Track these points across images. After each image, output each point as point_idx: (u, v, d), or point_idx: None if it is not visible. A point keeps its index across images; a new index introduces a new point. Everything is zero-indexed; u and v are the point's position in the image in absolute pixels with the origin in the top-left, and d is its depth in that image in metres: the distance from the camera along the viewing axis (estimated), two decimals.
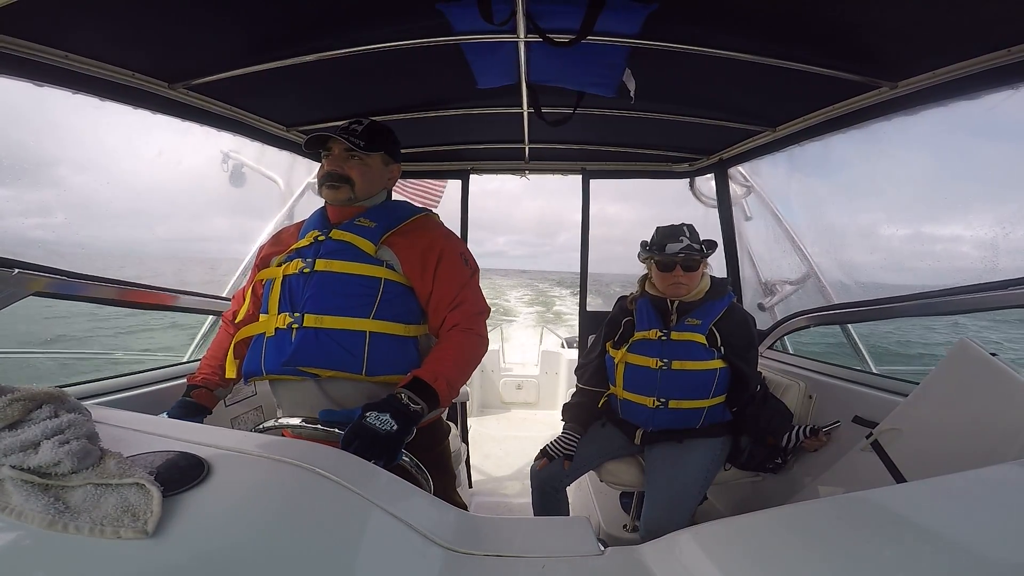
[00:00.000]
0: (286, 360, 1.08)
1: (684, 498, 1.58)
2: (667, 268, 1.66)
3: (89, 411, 0.67)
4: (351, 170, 1.19)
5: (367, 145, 1.18)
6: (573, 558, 0.58)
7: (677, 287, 1.67)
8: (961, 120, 1.42)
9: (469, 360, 1.16)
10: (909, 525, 0.61)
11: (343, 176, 1.19)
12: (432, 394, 1.05)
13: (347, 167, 1.19)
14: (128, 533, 0.47)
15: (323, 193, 1.21)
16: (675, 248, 1.64)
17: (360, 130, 1.20)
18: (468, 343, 1.16)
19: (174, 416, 1.17)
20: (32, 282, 1.28)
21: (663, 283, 1.69)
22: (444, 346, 1.15)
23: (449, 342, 1.15)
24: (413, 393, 1.02)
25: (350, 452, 0.88)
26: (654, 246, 1.69)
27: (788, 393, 1.89)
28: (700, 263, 1.67)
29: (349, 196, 1.20)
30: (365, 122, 1.23)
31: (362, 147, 1.18)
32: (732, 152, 2.32)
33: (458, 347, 1.14)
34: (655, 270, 1.71)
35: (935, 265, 2.40)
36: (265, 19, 1.21)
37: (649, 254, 1.71)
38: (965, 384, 1.24)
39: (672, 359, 1.63)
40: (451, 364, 1.11)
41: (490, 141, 2.38)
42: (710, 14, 1.17)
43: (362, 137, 1.19)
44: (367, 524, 0.58)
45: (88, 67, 1.24)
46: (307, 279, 1.13)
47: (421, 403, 1.02)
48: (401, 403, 0.99)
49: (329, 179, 1.19)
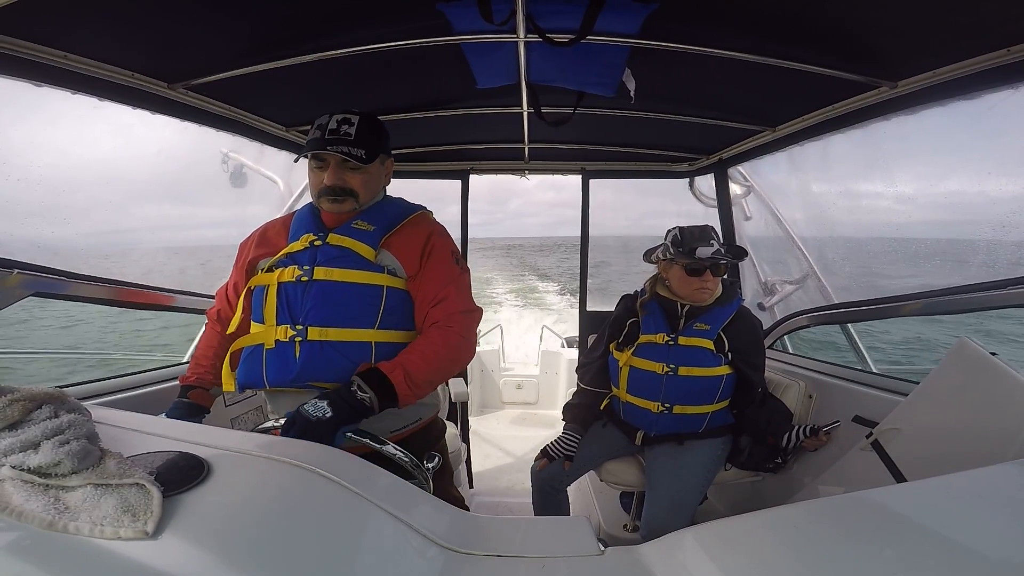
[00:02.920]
0: (294, 376, 1.05)
1: (684, 498, 1.58)
2: (696, 273, 1.58)
3: (89, 411, 0.67)
4: (352, 181, 1.13)
5: (368, 155, 1.12)
6: (573, 558, 0.58)
7: (703, 292, 1.60)
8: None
9: (442, 357, 1.07)
10: (909, 525, 0.61)
11: (346, 189, 1.12)
12: (387, 385, 0.99)
13: (348, 179, 1.13)
14: (128, 533, 0.47)
15: (323, 205, 1.15)
16: (707, 252, 1.55)
17: (354, 135, 1.12)
18: (444, 341, 1.08)
19: (173, 418, 1.15)
20: (32, 282, 1.28)
21: (687, 288, 1.61)
22: (417, 341, 1.09)
23: (424, 337, 1.09)
24: (363, 381, 0.98)
25: (290, 436, 0.89)
26: (683, 249, 1.59)
27: (788, 393, 1.89)
28: (727, 268, 1.61)
29: (354, 207, 1.14)
30: (355, 121, 1.13)
31: (363, 158, 1.11)
32: (732, 152, 2.32)
33: (430, 343, 1.07)
34: (679, 273, 1.61)
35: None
36: (265, 19, 1.21)
37: (676, 257, 1.60)
38: (965, 384, 1.24)
39: (679, 365, 1.59)
40: (417, 357, 1.04)
41: (490, 141, 2.38)
42: (710, 14, 1.17)
43: (361, 144, 1.11)
44: (367, 524, 0.58)
45: (87, 67, 1.24)
46: (306, 288, 1.08)
47: (369, 392, 0.97)
48: (348, 391, 0.96)
49: (331, 193, 1.12)
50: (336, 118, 1.13)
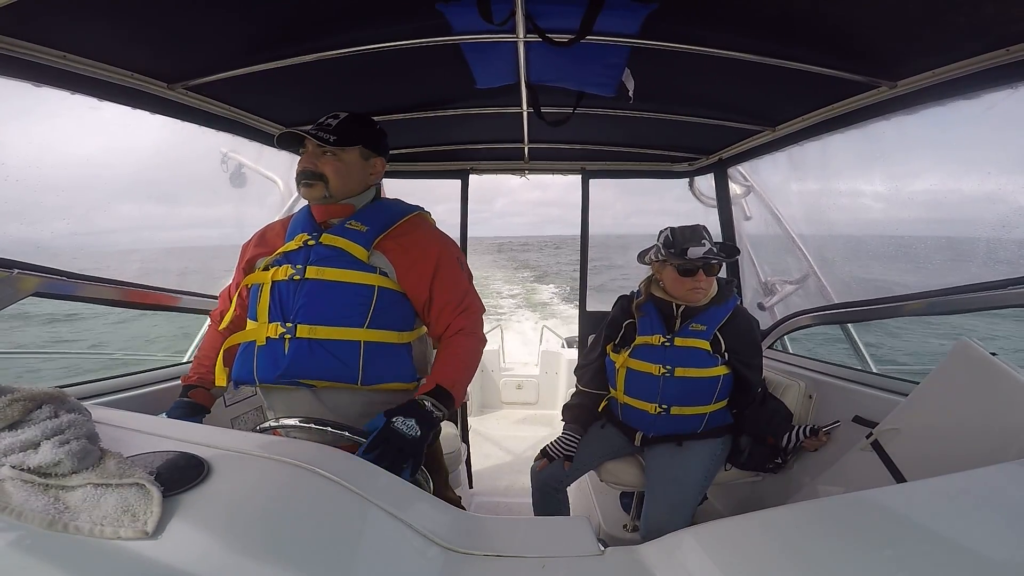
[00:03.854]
0: (281, 373, 1.08)
1: (684, 498, 1.58)
2: (689, 273, 1.57)
3: (89, 411, 0.67)
4: (324, 166, 1.16)
5: (339, 140, 1.15)
6: (573, 558, 0.58)
7: (696, 292, 1.59)
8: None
9: (475, 364, 1.21)
10: (909, 525, 0.61)
11: (316, 173, 1.16)
12: (450, 400, 1.09)
13: (320, 164, 1.16)
14: (128, 533, 0.48)
15: (300, 191, 1.20)
16: (699, 252, 1.54)
17: (334, 124, 1.17)
18: (473, 347, 1.20)
19: (173, 417, 1.16)
20: (32, 282, 1.28)
21: (681, 288, 1.61)
22: (454, 352, 1.17)
23: (459, 347, 1.17)
24: (436, 400, 1.05)
25: (371, 457, 0.89)
26: (674, 249, 1.58)
27: (788, 393, 1.89)
28: (720, 267, 1.61)
29: (324, 194, 1.17)
30: (341, 115, 1.19)
31: (332, 142, 1.14)
32: (731, 152, 2.32)
33: (468, 352, 1.18)
34: (672, 274, 1.60)
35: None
36: (264, 19, 1.21)
37: (668, 258, 1.59)
38: (965, 384, 1.24)
39: (675, 366, 1.59)
40: (463, 369, 1.16)
41: (489, 141, 2.38)
42: (710, 14, 1.17)
43: (335, 132, 1.16)
44: (367, 524, 0.58)
45: (86, 67, 1.24)
46: (298, 287, 1.11)
47: (444, 410, 1.06)
48: (425, 410, 1.02)
49: (303, 177, 1.17)
50: (328, 114, 1.21)
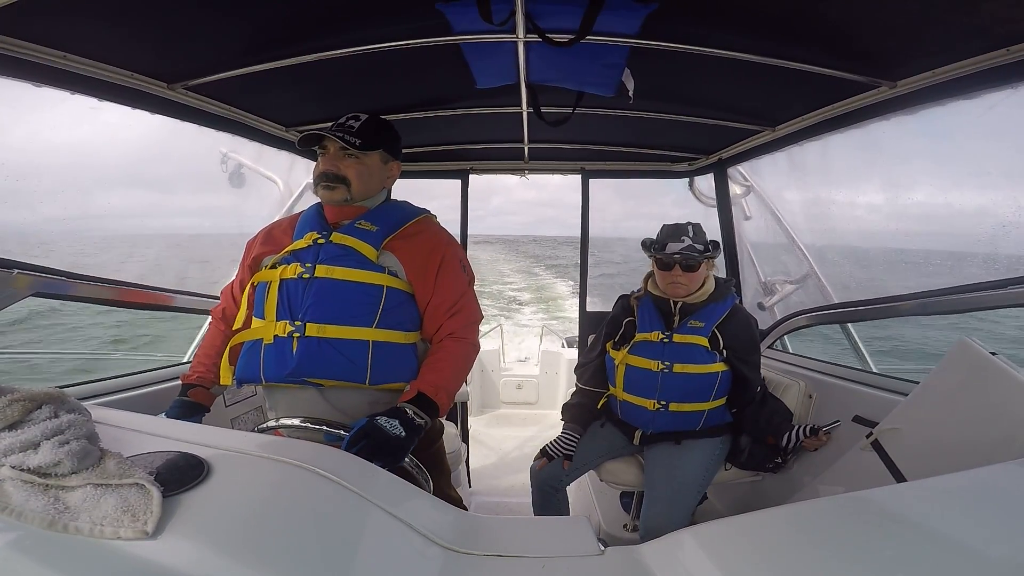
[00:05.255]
0: (290, 372, 1.07)
1: (684, 498, 1.58)
2: (666, 267, 1.64)
3: (89, 411, 0.67)
4: (347, 170, 1.16)
5: (364, 143, 1.15)
6: (573, 558, 0.58)
7: (675, 287, 1.65)
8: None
9: (464, 370, 1.18)
10: (909, 525, 0.61)
11: (339, 176, 1.15)
12: (434, 407, 1.07)
13: (343, 167, 1.16)
14: (128, 533, 0.48)
15: (319, 193, 1.18)
16: (675, 247, 1.62)
17: (357, 127, 1.16)
18: (463, 353, 1.17)
19: (173, 416, 1.15)
20: (32, 282, 1.28)
21: (663, 282, 1.68)
22: (441, 356, 1.15)
23: (446, 352, 1.15)
24: (418, 408, 1.04)
25: (354, 451, 0.89)
26: (656, 244, 1.67)
27: (788, 393, 1.89)
28: (700, 264, 1.64)
29: (345, 197, 1.16)
30: (363, 117, 1.19)
31: (358, 146, 1.14)
32: (731, 152, 2.32)
33: (455, 358, 1.15)
34: (655, 268, 1.70)
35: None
36: (264, 19, 1.21)
37: (650, 252, 1.69)
38: (965, 384, 1.24)
39: (674, 362, 1.62)
40: (450, 375, 1.13)
41: (489, 141, 2.38)
42: (710, 14, 1.17)
43: (359, 135, 1.15)
44: (367, 524, 0.58)
45: (86, 67, 1.24)
46: (307, 285, 1.10)
47: (425, 417, 1.04)
48: (407, 416, 1.01)
49: (324, 179, 1.16)
50: (348, 115, 1.20)
